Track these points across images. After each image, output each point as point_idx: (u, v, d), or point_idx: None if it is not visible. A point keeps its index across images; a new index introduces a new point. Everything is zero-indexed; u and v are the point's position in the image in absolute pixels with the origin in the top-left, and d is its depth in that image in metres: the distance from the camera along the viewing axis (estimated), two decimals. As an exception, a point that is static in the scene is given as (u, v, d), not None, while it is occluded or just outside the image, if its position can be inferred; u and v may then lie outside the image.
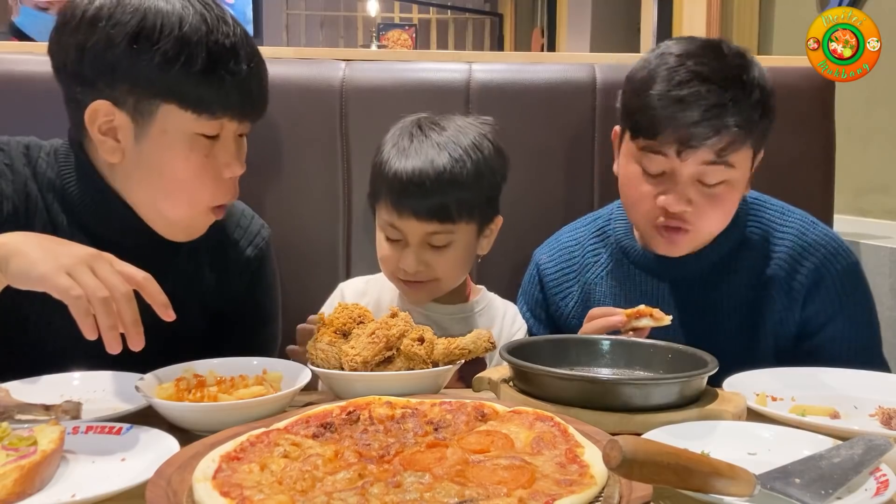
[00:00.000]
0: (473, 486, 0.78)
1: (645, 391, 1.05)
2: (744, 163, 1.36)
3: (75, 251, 1.01)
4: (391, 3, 9.28)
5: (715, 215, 1.38)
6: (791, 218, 1.49)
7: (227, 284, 1.42)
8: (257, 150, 1.81)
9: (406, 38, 8.69)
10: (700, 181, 1.35)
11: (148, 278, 1.02)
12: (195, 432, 1.01)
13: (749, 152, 1.37)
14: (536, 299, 1.64)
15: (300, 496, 0.76)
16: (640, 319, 1.30)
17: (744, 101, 1.31)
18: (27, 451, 0.87)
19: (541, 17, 8.17)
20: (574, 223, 1.67)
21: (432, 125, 1.48)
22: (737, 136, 1.31)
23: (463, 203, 1.42)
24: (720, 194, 1.36)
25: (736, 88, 1.31)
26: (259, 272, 1.48)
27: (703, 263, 1.47)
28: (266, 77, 1.27)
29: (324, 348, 1.17)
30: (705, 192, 1.35)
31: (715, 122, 1.29)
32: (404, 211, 1.41)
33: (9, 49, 1.87)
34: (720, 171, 1.34)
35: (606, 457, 0.71)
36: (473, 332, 1.19)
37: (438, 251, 1.45)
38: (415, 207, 1.40)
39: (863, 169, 2.68)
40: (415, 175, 1.40)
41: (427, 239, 1.44)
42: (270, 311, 1.53)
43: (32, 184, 1.27)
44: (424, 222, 1.41)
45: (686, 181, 1.35)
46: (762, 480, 0.78)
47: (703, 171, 1.34)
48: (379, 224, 1.49)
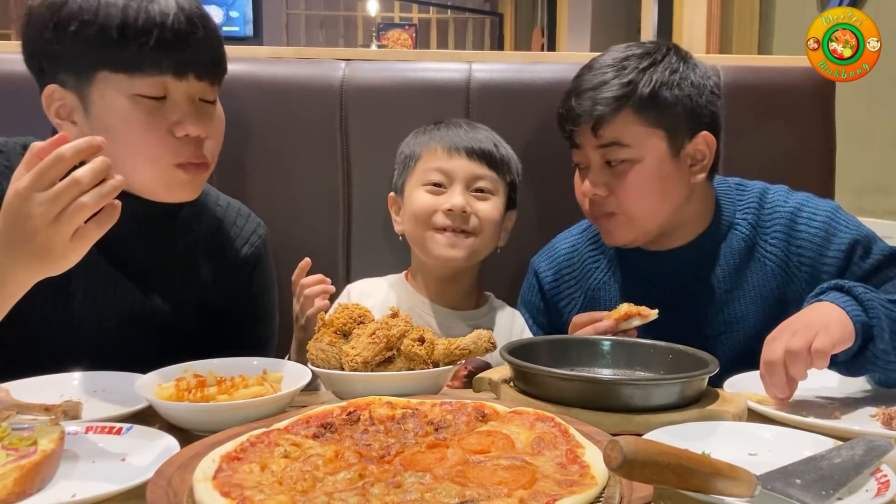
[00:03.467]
0: (474, 487, 0.78)
1: (646, 391, 1.05)
2: (642, 140, 1.40)
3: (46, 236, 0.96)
4: (391, 3, 9.28)
5: (628, 194, 1.41)
6: (773, 195, 1.50)
7: (222, 282, 1.43)
8: (258, 149, 1.82)
9: (406, 37, 8.69)
10: (607, 164, 1.42)
11: (60, 143, 0.97)
12: (195, 432, 1.01)
13: (648, 131, 1.40)
14: (538, 307, 1.64)
15: (301, 496, 0.76)
16: (629, 321, 1.31)
17: (618, 77, 1.40)
18: (27, 451, 0.87)
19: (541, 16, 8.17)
20: (569, 230, 1.68)
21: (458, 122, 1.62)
22: (605, 110, 1.39)
23: (504, 161, 1.58)
24: (629, 175, 1.41)
25: (614, 71, 1.41)
26: (255, 270, 1.48)
27: (698, 251, 1.48)
28: (214, 38, 1.27)
29: (324, 348, 1.17)
30: (615, 173, 1.42)
31: (582, 101, 1.41)
32: (455, 151, 1.54)
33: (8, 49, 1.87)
34: (615, 151, 1.41)
35: (607, 457, 0.71)
36: (474, 332, 1.19)
37: (481, 198, 1.54)
38: (467, 147, 1.54)
39: (863, 169, 2.68)
40: (462, 133, 1.57)
41: (472, 183, 1.54)
42: (267, 309, 1.53)
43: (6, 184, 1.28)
44: (475, 162, 1.54)
45: (596, 167, 1.44)
46: (763, 481, 0.78)
47: (604, 153, 1.42)
48: (417, 179, 1.56)
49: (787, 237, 1.45)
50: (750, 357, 1.28)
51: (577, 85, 1.44)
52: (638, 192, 1.42)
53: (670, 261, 1.49)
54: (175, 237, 1.38)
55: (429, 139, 1.58)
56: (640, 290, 1.51)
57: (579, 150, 1.46)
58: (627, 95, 1.39)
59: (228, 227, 1.46)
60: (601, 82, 1.41)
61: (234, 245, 1.45)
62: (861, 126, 2.67)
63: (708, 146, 1.44)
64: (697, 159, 1.44)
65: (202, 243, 1.39)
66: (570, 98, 1.44)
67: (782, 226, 1.46)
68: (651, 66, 1.41)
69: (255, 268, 1.48)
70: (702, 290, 1.48)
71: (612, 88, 1.39)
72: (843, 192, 1.93)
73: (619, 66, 1.42)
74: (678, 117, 1.42)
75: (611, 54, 1.46)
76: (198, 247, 1.40)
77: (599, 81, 1.41)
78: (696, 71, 1.44)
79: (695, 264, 1.49)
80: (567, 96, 1.45)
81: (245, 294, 1.47)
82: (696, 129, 1.43)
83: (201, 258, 1.41)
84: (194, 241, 1.38)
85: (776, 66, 1.94)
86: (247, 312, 1.49)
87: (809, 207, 1.46)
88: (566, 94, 1.46)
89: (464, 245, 1.52)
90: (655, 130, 1.41)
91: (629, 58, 1.43)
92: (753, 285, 1.46)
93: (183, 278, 1.38)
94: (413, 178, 1.58)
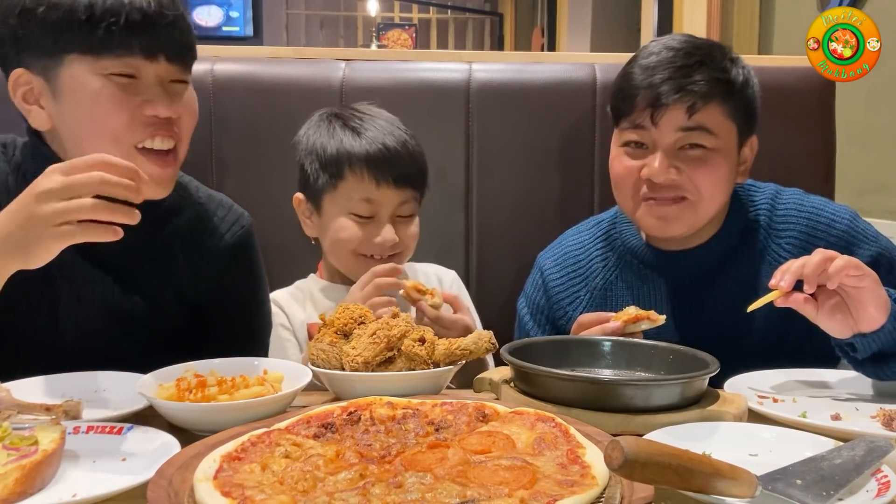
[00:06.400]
0: (475, 487, 0.78)
1: (646, 392, 1.05)
2: (725, 132, 1.39)
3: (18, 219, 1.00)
4: (391, 3, 9.27)
5: (707, 180, 1.39)
6: (788, 197, 1.50)
7: (204, 274, 1.41)
8: (258, 149, 1.82)
9: (406, 37, 8.69)
10: (681, 149, 1.39)
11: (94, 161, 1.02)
12: (196, 432, 1.01)
13: (729, 124, 1.40)
14: (539, 305, 1.62)
15: (301, 496, 0.76)
16: (638, 324, 1.30)
17: (710, 64, 1.38)
18: (28, 451, 0.87)
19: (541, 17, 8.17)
20: (577, 227, 1.66)
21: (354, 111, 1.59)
22: (703, 92, 1.36)
23: (423, 174, 1.57)
24: (706, 158, 1.39)
25: (702, 54, 1.39)
26: (237, 260, 1.46)
27: (712, 252, 1.48)
28: (182, 21, 1.26)
29: (325, 349, 1.17)
30: (689, 157, 1.39)
31: (680, 80, 1.36)
32: (383, 181, 1.49)
33: None
34: (697, 136, 1.38)
35: (608, 457, 0.71)
36: (475, 332, 1.19)
37: (406, 222, 1.55)
38: (395, 174, 1.50)
39: (863, 169, 2.67)
40: (387, 146, 1.51)
41: (398, 210, 1.53)
42: (257, 298, 1.52)
43: (12, 178, 1.30)
44: (402, 189, 1.52)
45: (667, 150, 1.39)
46: (763, 481, 0.78)
47: (682, 137, 1.38)
48: (342, 205, 1.52)
49: (803, 242, 1.44)
50: (758, 358, 1.28)
51: (658, 63, 1.39)
52: (713, 179, 1.40)
53: (682, 260, 1.48)
54: (154, 231, 1.36)
55: (350, 155, 1.51)
56: (649, 289, 1.50)
57: (646, 130, 1.40)
58: (725, 83, 1.38)
59: (209, 219, 1.44)
60: (696, 62, 1.37)
61: (215, 235, 1.44)
62: (861, 126, 2.67)
63: (752, 150, 1.47)
64: (742, 160, 1.46)
65: (182, 236, 1.39)
66: (650, 73, 1.38)
67: (798, 230, 1.45)
68: (737, 60, 1.42)
69: (236, 257, 1.46)
70: (711, 290, 1.48)
71: (709, 71, 1.37)
72: (843, 192, 1.93)
73: (707, 52, 1.40)
74: (747, 117, 1.43)
75: (680, 39, 1.43)
76: (177, 240, 1.39)
77: (693, 62, 1.37)
78: (754, 75, 1.45)
79: (706, 264, 1.48)
80: (644, 73, 1.39)
81: (228, 284, 1.45)
82: (752, 131, 1.46)
83: (181, 251, 1.40)
84: (173, 233, 1.37)
85: (776, 66, 1.94)
86: (235, 303, 1.47)
87: (827, 213, 1.46)
88: (641, 71, 1.40)
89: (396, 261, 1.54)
90: (733, 125, 1.41)
91: (713, 46, 1.42)
92: (763, 287, 1.45)
93: (162, 273, 1.37)
94: (336, 201, 1.53)
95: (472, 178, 1.85)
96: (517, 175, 1.86)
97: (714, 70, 1.38)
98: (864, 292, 1.15)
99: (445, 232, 1.84)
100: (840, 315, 1.17)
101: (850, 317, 1.17)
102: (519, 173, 1.86)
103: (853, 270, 1.13)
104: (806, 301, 1.17)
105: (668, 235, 1.46)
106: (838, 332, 1.19)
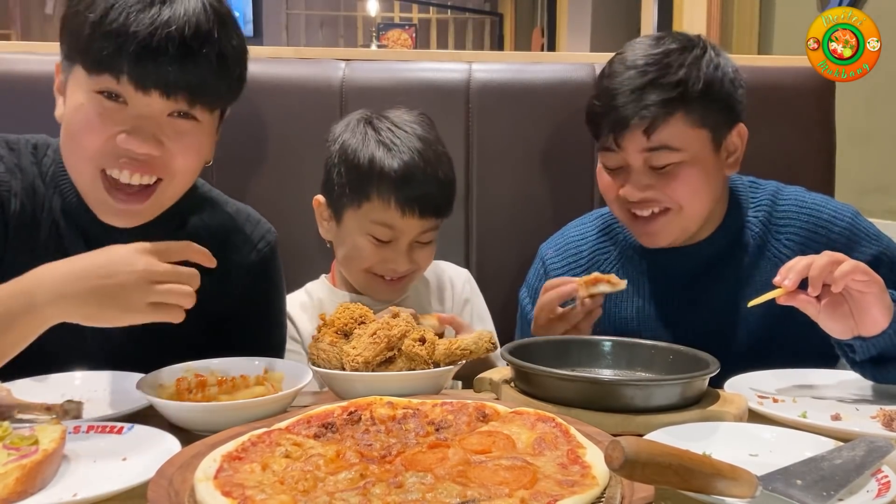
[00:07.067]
0: (475, 487, 0.78)
1: (646, 392, 1.05)
2: (691, 141, 1.37)
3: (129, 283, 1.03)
4: (391, 3, 9.28)
5: (680, 192, 1.38)
6: (789, 195, 1.50)
7: (230, 289, 1.40)
8: (258, 149, 1.82)
9: (406, 37, 8.70)
10: (651, 168, 1.38)
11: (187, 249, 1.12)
12: (196, 432, 1.01)
13: (696, 131, 1.37)
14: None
15: (302, 496, 0.76)
16: (597, 286, 1.32)
17: (665, 78, 1.35)
18: (28, 451, 0.87)
19: (541, 17, 8.17)
20: (581, 218, 1.67)
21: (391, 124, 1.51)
22: (657, 113, 1.33)
23: (450, 202, 1.52)
24: (675, 172, 1.38)
25: (657, 69, 1.36)
26: (262, 276, 1.46)
27: (712, 249, 1.48)
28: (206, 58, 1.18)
29: (325, 348, 1.17)
30: (659, 174, 1.38)
31: (634, 105, 1.34)
32: (409, 210, 1.45)
33: (9, 49, 1.87)
34: (665, 156, 1.37)
35: (608, 457, 0.71)
36: (475, 332, 1.19)
37: (424, 247, 1.52)
38: (421, 203, 1.45)
39: (863, 169, 2.67)
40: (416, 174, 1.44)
41: (418, 237, 1.49)
42: (276, 315, 1.52)
43: (39, 182, 1.30)
44: (426, 219, 1.47)
45: (638, 170, 1.39)
46: (764, 482, 0.78)
47: (648, 157, 1.37)
48: (362, 225, 1.48)
49: (804, 239, 1.44)
50: (757, 357, 1.28)
51: (617, 85, 1.37)
52: (688, 190, 1.39)
53: (682, 257, 1.49)
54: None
55: (381, 176, 1.44)
56: (650, 284, 1.50)
57: (615, 153, 1.39)
58: (680, 97, 1.35)
59: (236, 234, 1.44)
60: (648, 82, 1.35)
61: (242, 252, 1.44)
62: (861, 126, 2.67)
63: (741, 138, 1.44)
64: (731, 151, 1.44)
65: (209, 250, 1.38)
66: (609, 98, 1.37)
67: (798, 227, 1.45)
68: (694, 62, 1.37)
69: (261, 274, 1.46)
70: (711, 286, 1.48)
71: (662, 89, 1.34)
72: (843, 192, 1.93)
73: (662, 64, 1.36)
74: (721, 112, 1.40)
75: (643, 48, 1.39)
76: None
77: (646, 82, 1.35)
78: (728, 62, 1.42)
79: (706, 261, 1.48)
80: (605, 96, 1.38)
81: (251, 300, 1.45)
82: (734, 121, 1.43)
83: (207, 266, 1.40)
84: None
85: (776, 66, 1.94)
86: (257, 317, 1.47)
87: (828, 211, 1.45)
88: (603, 94, 1.39)
89: (401, 288, 1.56)
90: (701, 130, 1.38)
91: (669, 53, 1.38)
92: (763, 283, 1.45)
93: None
94: (357, 218, 1.48)
95: (472, 178, 1.85)
96: (517, 175, 1.86)
97: (667, 86, 1.35)
98: (868, 297, 1.14)
99: (445, 232, 1.83)
100: (842, 316, 1.17)
101: (851, 319, 1.17)
102: (519, 173, 1.86)
103: (860, 276, 1.13)
104: (808, 301, 1.16)
105: (658, 246, 1.47)
106: (839, 333, 1.19)
